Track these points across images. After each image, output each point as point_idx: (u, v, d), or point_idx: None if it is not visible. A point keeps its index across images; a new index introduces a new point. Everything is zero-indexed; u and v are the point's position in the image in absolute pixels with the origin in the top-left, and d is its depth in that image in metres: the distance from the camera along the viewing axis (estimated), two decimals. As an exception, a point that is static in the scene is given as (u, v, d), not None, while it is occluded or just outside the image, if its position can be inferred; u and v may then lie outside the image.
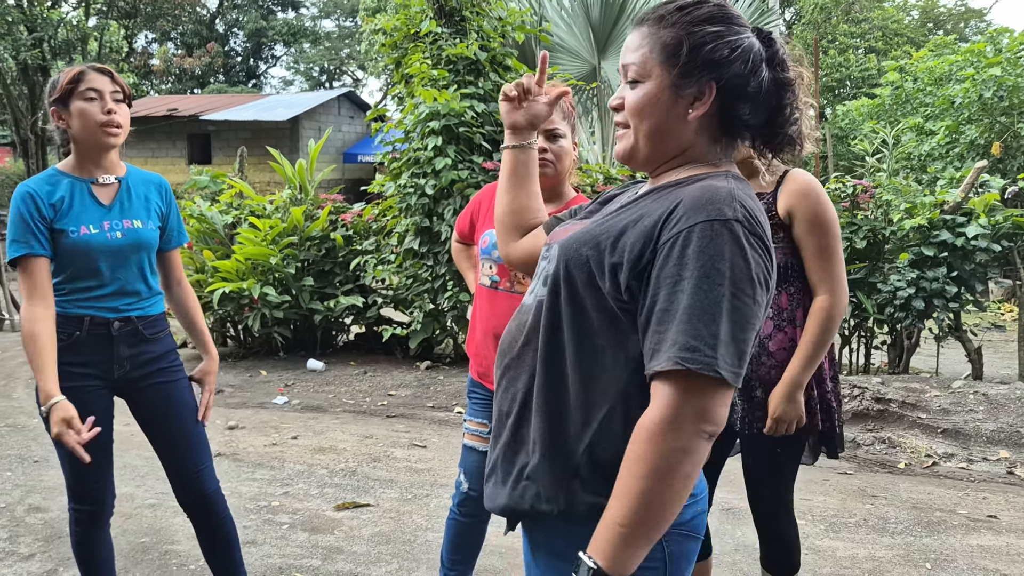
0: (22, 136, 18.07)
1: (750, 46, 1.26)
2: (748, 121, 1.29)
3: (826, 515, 3.70)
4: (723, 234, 1.14)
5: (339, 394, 5.98)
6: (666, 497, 1.13)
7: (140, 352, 2.37)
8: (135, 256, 2.35)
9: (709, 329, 1.11)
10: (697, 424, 1.12)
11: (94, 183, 2.32)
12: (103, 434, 2.35)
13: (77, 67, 2.29)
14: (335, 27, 41.37)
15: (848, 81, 22.95)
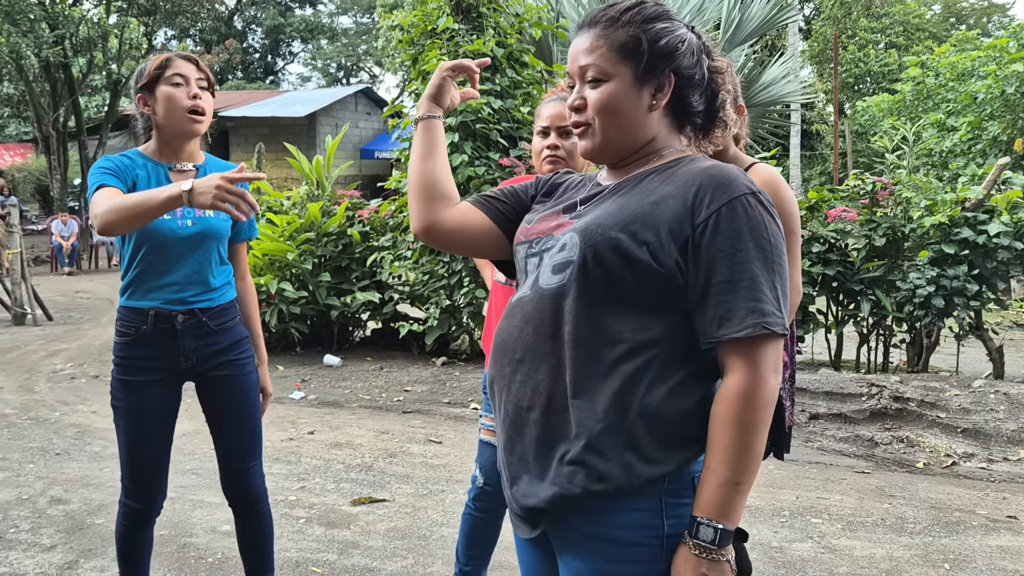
0: (44, 132, 18.23)
1: (692, 38, 1.39)
2: (696, 108, 1.41)
3: (843, 514, 3.67)
4: (756, 206, 1.27)
5: (355, 389, 6.01)
6: (762, 447, 1.26)
7: (206, 344, 2.36)
8: (204, 246, 2.33)
9: (774, 293, 1.25)
10: (776, 377, 1.26)
11: (171, 169, 2.33)
12: (161, 434, 2.38)
13: (164, 54, 2.29)
14: (352, 23, 41.49)
15: (868, 77, 22.75)
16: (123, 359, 2.33)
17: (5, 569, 3.08)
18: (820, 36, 23.57)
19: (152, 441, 2.36)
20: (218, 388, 2.42)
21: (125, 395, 2.32)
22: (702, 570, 1.24)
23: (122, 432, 2.35)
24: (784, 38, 20.06)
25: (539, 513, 1.33)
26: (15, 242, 9.45)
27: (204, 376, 2.40)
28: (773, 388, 1.25)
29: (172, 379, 2.37)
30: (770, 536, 3.42)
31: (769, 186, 2.05)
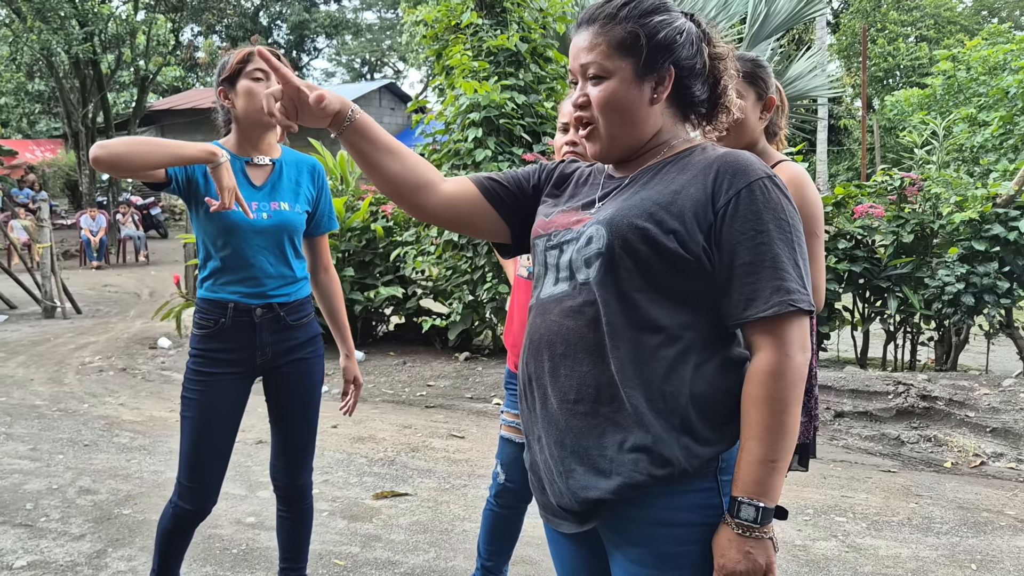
0: (73, 128, 18.49)
1: (691, 28, 1.39)
2: (699, 97, 1.41)
3: (868, 513, 3.64)
4: (772, 189, 1.30)
5: (378, 384, 6.04)
6: (796, 424, 1.28)
7: (282, 339, 2.38)
8: (280, 238, 2.34)
9: (797, 271, 1.28)
10: (804, 354, 1.27)
11: (249, 163, 2.34)
12: (227, 433, 2.38)
13: (246, 48, 2.30)
14: (376, 19, 41.61)
15: (897, 71, 22.43)
16: (201, 351, 2.33)
17: (36, 557, 3.14)
18: (848, 29, 23.29)
19: (218, 439, 2.35)
20: (286, 383, 2.44)
21: (199, 387, 2.32)
22: (747, 548, 1.26)
23: (189, 425, 2.33)
24: (811, 32, 19.83)
25: (599, 505, 1.34)
26: (45, 236, 9.60)
27: (275, 370, 2.42)
28: (801, 365, 1.27)
29: (246, 373, 2.38)
30: (794, 534, 3.39)
31: (794, 185, 2.00)
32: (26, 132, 26.18)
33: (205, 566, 3.08)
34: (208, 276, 2.34)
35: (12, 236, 11.52)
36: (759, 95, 2.05)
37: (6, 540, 3.29)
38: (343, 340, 2.62)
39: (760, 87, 2.05)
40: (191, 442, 2.33)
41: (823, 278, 1.97)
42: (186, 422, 2.34)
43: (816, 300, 1.94)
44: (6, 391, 5.84)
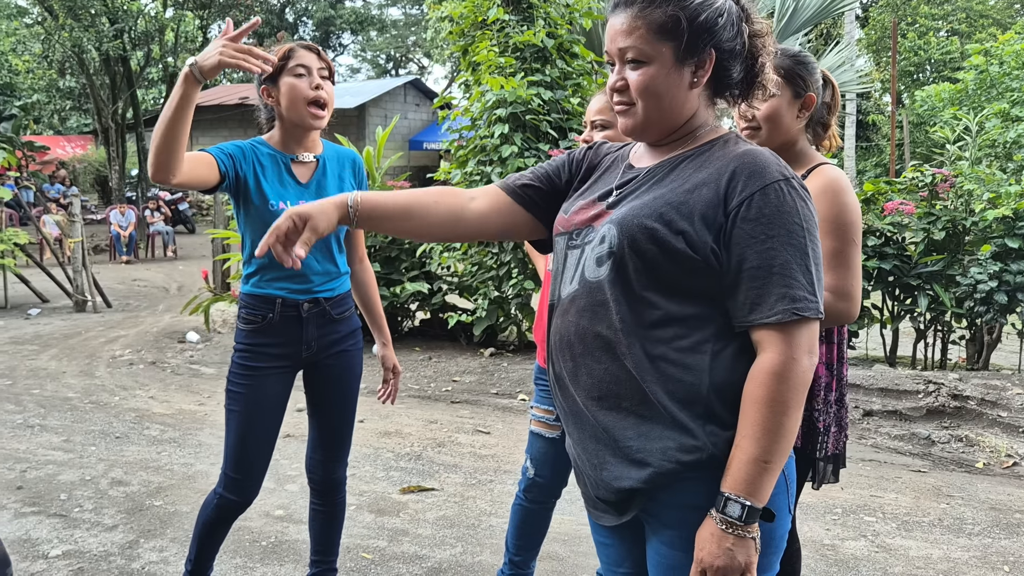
0: (103, 124, 18.74)
1: (731, 7, 1.37)
2: (735, 78, 1.39)
3: (898, 513, 3.60)
4: (787, 192, 1.28)
5: (404, 379, 6.07)
6: (794, 427, 1.27)
7: (327, 332, 2.41)
8: (327, 236, 2.31)
9: (807, 278, 1.27)
10: (810, 359, 1.27)
11: (294, 160, 2.36)
12: (273, 425, 2.41)
13: (287, 44, 2.30)
14: (401, 15, 41.70)
15: (928, 65, 22.10)
16: (248, 346, 2.35)
17: (71, 547, 3.20)
18: (878, 23, 22.98)
19: (263, 431, 2.38)
20: (329, 376, 2.47)
21: (246, 381, 2.34)
22: (727, 545, 1.25)
23: (236, 419, 2.36)
24: (840, 26, 19.59)
25: (633, 495, 1.35)
26: (76, 231, 9.74)
27: (318, 364, 2.44)
28: (806, 368, 1.27)
29: (291, 367, 2.41)
30: (822, 533, 3.37)
31: (832, 190, 1.91)
32: (57, 128, 26.58)
33: (235, 558, 3.12)
34: (255, 272, 2.35)
35: (44, 231, 11.70)
36: (796, 93, 1.97)
37: (42, 530, 3.35)
38: (380, 329, 2.64)
39: (798, 85, 1.97)
40: (237, 435, 2.36)
41: (859, 286, 1.88)
42: (232, 415, 2.37)
43: (851, 309, 1.88)
44: (40, 383, 5.95)
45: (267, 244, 1.39)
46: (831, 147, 2.13)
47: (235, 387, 2.36)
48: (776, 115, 1.98)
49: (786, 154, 2.03)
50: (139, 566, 3.04)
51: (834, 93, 2.09)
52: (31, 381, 6.01)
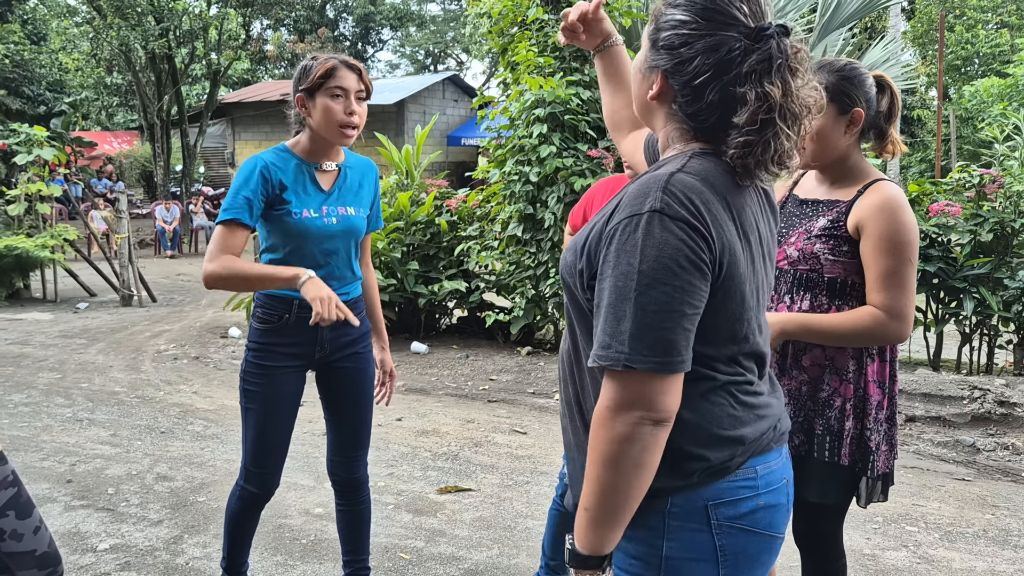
0: (149, 121, 19.10)
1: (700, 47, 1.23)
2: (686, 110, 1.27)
3: (941, 523, 3.54)
4: (638, 227, 1.16)
5: (442, 377, 6.11)
6: (618, 482, 1.18)
7: (340, 335, 2.47)
8: (345, 242, 2.43)
9: (621, 325, 1.16)
10: (633, 412, 1.16)
11: (318, 169, 2.41)
12: (288, 420, 2.49)
13: (330, 60, 2.31)
14: (440, 10, 41.83)
15: (976, 59, 21.57)
16: (262, 345, 2.42)
17: (118, 540, 3.29)
18: (924, 16, 22.47)
19: (280, 426, 2.47)
20: (341, 378, 2.53)
21: (260, 380, 2.41)
22: None
23: (252, 416, 2.44)
24: (884, 19, 19.20)
25: None
26: (123, 227, 9.95)
27: (330, 365, 2.51)
28: (623, 422, 1.16)
29: (304, 366, 2.48)
30: (862, 543, 3.33)
31: (891, 208, 1.86)
32: (104, 124, 27.15)
33: (276, 555, 3.18)
34: None
35: (92, 226, 11.98)
36: (842, 109, 1.92)
37: (91, 523, 3.44)
38: (379, 334, 2.69)
39: (842, 101, 1.92)
40: (255, 431, 2.44)
41: (912, 306, 1.86)
42: (249, 413, 2.45)
43: (903, 329, 1.86)
44: (88, 377, 6.10)
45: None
46: (895, 153, 2.04)
47: (250, 385, 2.44)
48: (820, 134, 1.93)
49: (838, 171, 2.01)
50: (183, 561, 3.12)
51: (893, 99, 2.00)
52: (80, 375, 6.17)
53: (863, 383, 1.97)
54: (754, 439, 1.28)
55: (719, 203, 1.21)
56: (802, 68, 1.24)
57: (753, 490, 1.28)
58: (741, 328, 1.25)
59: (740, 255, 1.22)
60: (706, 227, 1.17)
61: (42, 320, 8.64)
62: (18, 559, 1.98)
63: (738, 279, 1.22)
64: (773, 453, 1.33)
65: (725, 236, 1.20)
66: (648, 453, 1.18)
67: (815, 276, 1.97)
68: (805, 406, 2.00)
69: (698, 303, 1.18)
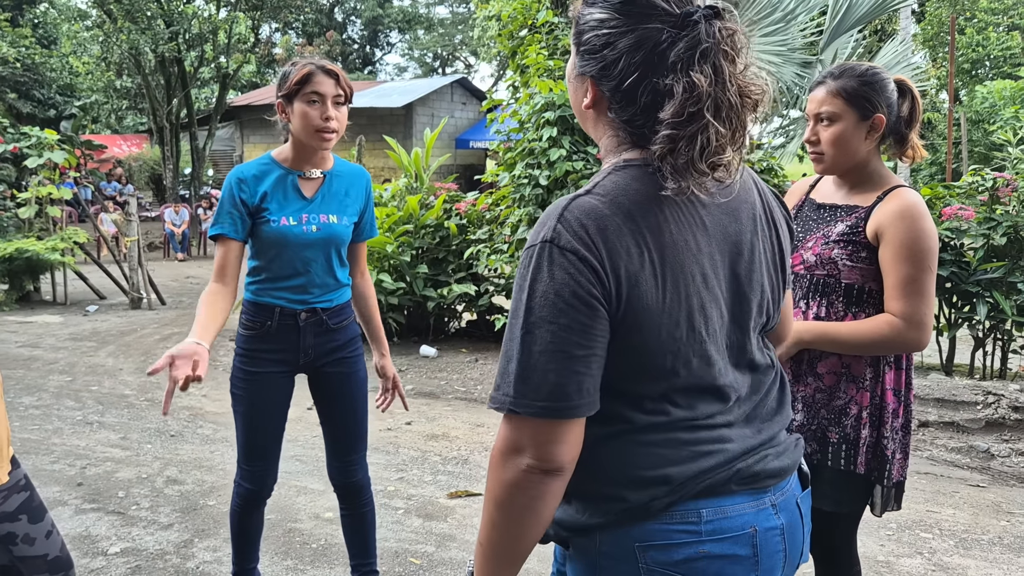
0: (158, 124, 19.19)
1: (623, 46, 1.13)
2: (619, 116, 1.17)
3: (956, 530, 3.51)
4: (531, 260, 1.10)
5: (451, 381, 6.10)
6: (508, 526, 1.14)
7: (324, 341, 2.49)
8: (327, 250, 2.44)
9: (508, 366, 1.10)
10: (519, 458, 1.10)
11: (301, 176, 2.43)
12: (278, 422, 2.53)
13: (306, 67, 2.33)
14: (448, 13, 41.90)
15: (987, 61, 21.47)
16: (247, 351, 2.46)
17: (128, 544, 3.28)
18: (934, 19, 22.38)
19: (268, 426, 2.51)
20: (330, 383, 2.54)
21: (246, 384, 2.46)
22: None
23: (240, 418, 2.49)
24: (895, 22, 19.13)
25: None
26: (133, 230, 9.98)
27: (318, 371, 2.53)
28: (509, 466, 1.11)
29: (290, 371, 2.50)
30: (876, 549, 3.30)
31: (911, 215, 1.84)
32: (114, 127, 27.28)
33: (286, 559, 3.17)
34: (257, 282, 2.45)
35: (102, 229, 12.03)
36: (863, 115, 1.91)
37: (101, 527, 3.44)
38: (378, 341, 2.69)
39: (863, 107, 1.90)
40: (245, 434, 2.50)
41: (932, 314, 1.84)
42: (238, 416, 2.50)
43: (922, 337, 1.83)
44: (98, 380, 6.12)
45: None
46: (915, 158, 2.01)
47: (237, 390, 2.48)
48: (841, 139, 1.92)
49: (857, 176, 1.99)
50: (194, 565, 3.11)
51: (914, 103, 1.97)
52: (90, 378, 6.19)
53: (880, 391, 1.95)
54: (686, 479, 1.15)
55: (625, 225, 1.10)
56: (740, 53, 1.11)
57: (694, 535, 1.14)
58: (667, 361, 1.13)
59: (648, 283, 1.10)
60: (598, 258, 1.08)
61: (52, 323, 8.67)
62: (30, 563, 1.97)
63: (644, 312, 1.10)
64: (737, 497, 1.18)
65: (625, 266, 1.09)
66: (539, 501, 1.11)
67: (832, 281, 1.95)
68: (819, 414, 1.98)
69: (590, 343, 1.08)
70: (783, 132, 15.75)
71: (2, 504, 1.92)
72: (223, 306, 2.25)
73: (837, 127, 1.92)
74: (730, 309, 1.20)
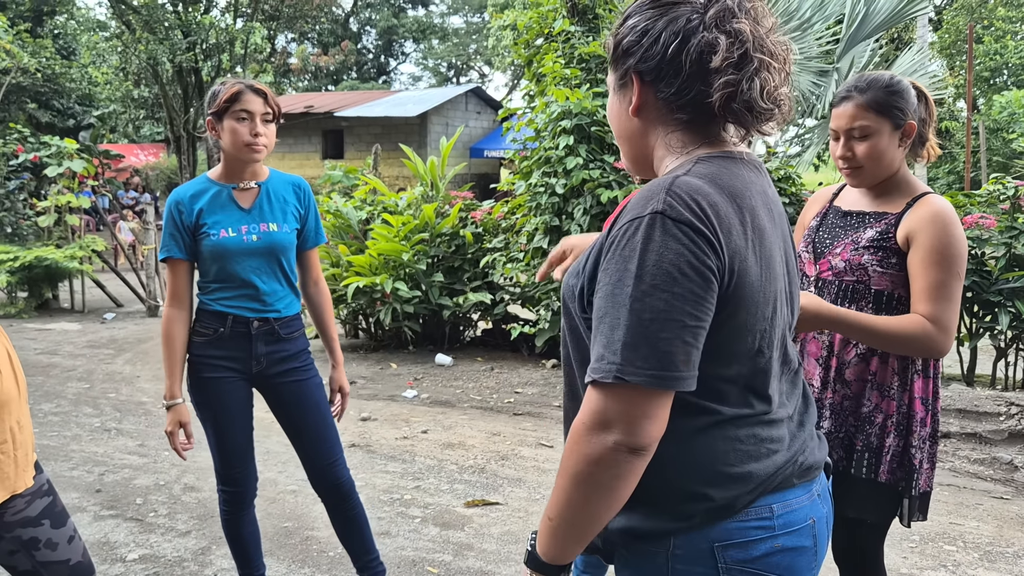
0: (175, 133, 19.37)
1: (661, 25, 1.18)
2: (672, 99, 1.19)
3: (980, 543, 3.45)
4: (639, 230, 1.08)
5: (467, 389, 6.09)
6: (584, 502, 1.11)
7: (276, 350, 2.54)
8: (270, 259, 2.51)
9: (615, 334, 1.07)
10: (611, 434, 1.07)
11: (235, 188, 2.50)
12: (244, 423, 2.58)
13: (235, 86, 2.43)
14: (463, 23, 42.09)
15: (1005, 70, 21.33)
16: (200, 357, 2.51)
17: (146, 551, 3.28)
18: (952, 27, 22.27)
19: (236, 427, 2.55)
20: (287, 392, 2.57)
21: (205, 391, 2.51)
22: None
23: (208, 424, 2.55)
24: (912, 30, 19.05)
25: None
26: (150, 238, 10.05)
27: (271, 383, 2.56)
28: (599, 442, 1.07)
29: (244, 378, 2.54)
30: (899, 562, 3.25)
31: (942, 221, 1.83)
32: (131, 137, 27.52)
33: (303, 567, 3.16)
34: (207, 290, 2.51)
35: (120, 237, 12.11)
36: (896, 124, 1.91)
37: (119, 533, 3.45)
38: (332, 351, 2.76)
39: (896, 117, 1.90)
40: (215, 440, 2.56)
41: (956, 320, 1.83)
42: (205, 422, 2.56)
43: (947, 342, 1.82)
44: (115, 387, 6.14)
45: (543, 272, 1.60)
46: (929, 159, 2.02)
47: (199, 397, 2.53)
48: (877, 152, 1.92)
49: (886, 185, 1.99)
50: (211, 572, 3.11)
51: (928, 106, 1.99)
52: (107, 385, 6.22)
53: (907, 400, 1.94)
54: (766, 476, 1.17)
55: (729, 205, 1.12)
56: (763, 18, 1.18)
57: (768, 531, 1.17)
58: (754, 342, 1.15)
59: (751, 262, 1.12)
60: (713, 231, 1.08)
61: (70, 330, 8.73)
62: (53, 568, 1.97)
63: (749, 288, 1.12)
64: (796, 490, 1.21)
65: (735, 241, 1.10)
66: (619, 481, 1.09)
67: (861, 288, 1.94)
68: (847, 422, 1.97)
69: (700, 314, 1.07)
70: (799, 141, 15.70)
71: (25, 509, 1.93)
72: (183, 337, 2.48)
73: (874, 140, 1.92)
74: (787, 298, 1.24)
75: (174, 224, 2.46)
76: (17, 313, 9.45)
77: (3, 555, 1.94)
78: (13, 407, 1.88)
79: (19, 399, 1.91)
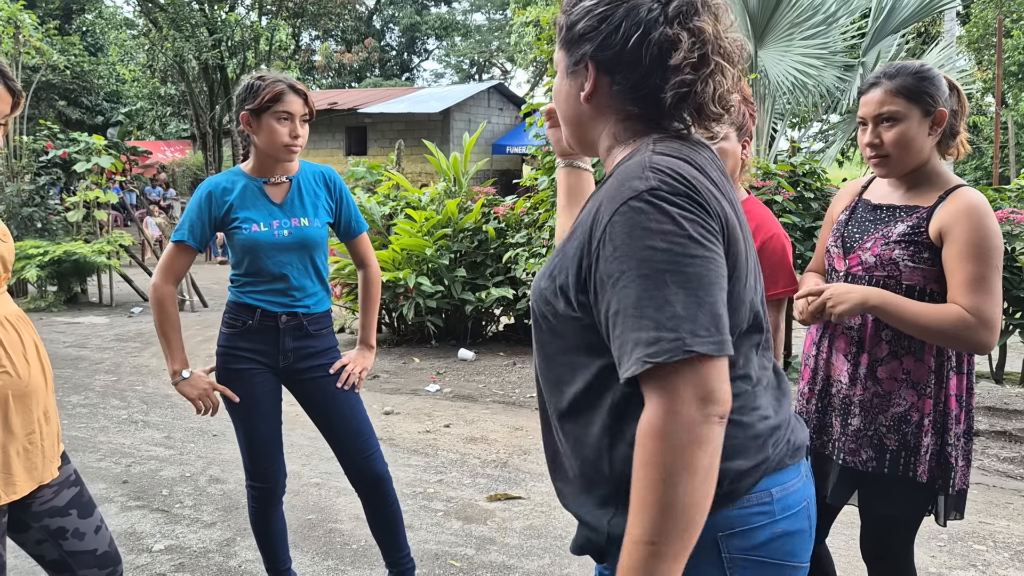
0: (201, 130, 19.57)
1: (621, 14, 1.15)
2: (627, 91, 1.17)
3: (1010, 542, 3.40)
4: (642, 210, 1.04)
5: (489, 384, 6.09)
6: (691, 498, 0.99)
7: (304, 346, 2.53)
8: (301, 254, 2.49)
9: (664, 312, 1.00)
10: (698, 410, 1.00)
11: (267, 182, 2.49)
12: (272, 418, 2.57)
13: (278, 84, 2.39)
14: (485, 20, 42.09)
15: (1035, 64, 20.93)
16: (228, 348, 2.51)
17: (172, 542, 3.32)
18: (980, 21, 21.91)
19: (264, 424, 2.54)
20: (317, 389, 2.56)
21: (233, 384, 2.50)
22: None
23: (237, 418, 2.54)
24: (939, 24, 18.78)
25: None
26: (176, 233, 10.16)
27: (300, 379, 2.55)
28: (692, 422, 0.99)
29: (272, 371, 2.53)
30: (928, 561, 3.21)
31: (977, 214, 1.79)
32: (158, 134, 27.83)
33: (327, 560, 3.18)
34: (238, 283, 2.52)
35: (147, 232, 12.25)
36: (925, 111, 1.86)
37: (146, 524, 3.49)
38: (366, 333, 2.73)
39: (926, 103, 1.85)
40: (243, 434, 2.55)
41: (1000, 314, 1.77)
42: (234, 415, 2.55)
43: (991, 338, 1.76)
44: (142, 380, 6.22)
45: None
46: (959, 155, 1.96)
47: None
48: (906, 139, 1.87)
49: (916, 177, 1.94)
50: (236, 564, 3.13)
51: (960, 98, 1.94)
52: (134, 377, 6.29)
53: (943, 397, 1.89)
54: (765, 456, 1.14)
55: (704, 178, 1.11)
56: (723, 15, 1.16)
57: (769, 516, 1.13)
58: (747, 312, 1.14)
59: (736, 231, 1.11)
60: (705, 200, 1.07)
61: (98, 324, 8.84)
62: (79, 558, 2.00)
63: (738, 256, 1.11)
64: (789, 471, 1.17)
65: (724, 210, 1.10)
66: (717, 457, 1.02)
67: (892, 283, 1.89)
68: (876, 420, 1.93)
69: (721, 280, 1.05)
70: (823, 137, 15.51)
71: (53, 499, 1.95)
72: (176, 316, 2.47)
73: (902, 126, 1.86)
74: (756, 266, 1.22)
75: (199, 212, 2.44)
76: (47, 307, 9.60)
77: (31, 544, 1.97)
78: (40, 398, 1.90)
79: (46, 390, 1.93)
